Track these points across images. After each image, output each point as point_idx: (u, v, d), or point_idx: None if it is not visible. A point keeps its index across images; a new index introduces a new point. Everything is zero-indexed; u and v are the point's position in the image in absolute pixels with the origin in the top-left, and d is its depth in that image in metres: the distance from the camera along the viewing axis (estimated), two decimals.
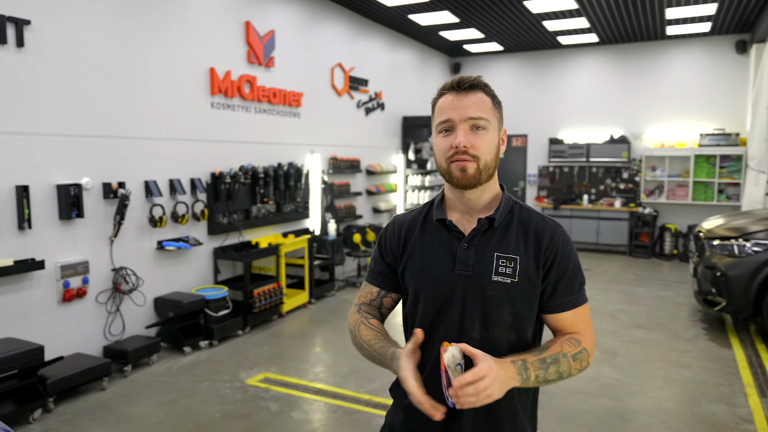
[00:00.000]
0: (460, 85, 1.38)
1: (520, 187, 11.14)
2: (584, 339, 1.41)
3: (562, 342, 1.39)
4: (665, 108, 9.77)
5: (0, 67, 3.71)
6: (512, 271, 1.37)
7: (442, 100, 1.41)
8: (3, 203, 3.75)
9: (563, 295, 1.41)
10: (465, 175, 1.36)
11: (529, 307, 1.41)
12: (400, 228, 1.54)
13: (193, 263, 5.37)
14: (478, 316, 1.39)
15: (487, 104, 1.38)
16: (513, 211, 1.45)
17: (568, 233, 1.45)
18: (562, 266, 1.40)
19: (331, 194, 7.37)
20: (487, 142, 1.37)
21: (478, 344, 1.37)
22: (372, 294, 1.58)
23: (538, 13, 7.90)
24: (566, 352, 1.37)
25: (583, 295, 1.45)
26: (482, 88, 1.40)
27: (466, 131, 1.35)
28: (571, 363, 1.37)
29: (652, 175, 9.71)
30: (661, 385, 4.31)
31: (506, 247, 1.39)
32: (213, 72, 5.48)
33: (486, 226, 1.41)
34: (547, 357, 1.34)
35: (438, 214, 1.47)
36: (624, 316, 6.09)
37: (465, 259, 1.40)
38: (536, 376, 1.31)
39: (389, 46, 8.99)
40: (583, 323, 1.44)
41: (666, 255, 9.53)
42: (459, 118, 1.36)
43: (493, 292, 1.37)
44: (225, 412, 3.78)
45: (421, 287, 1.45)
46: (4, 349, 3.46)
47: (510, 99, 10.93)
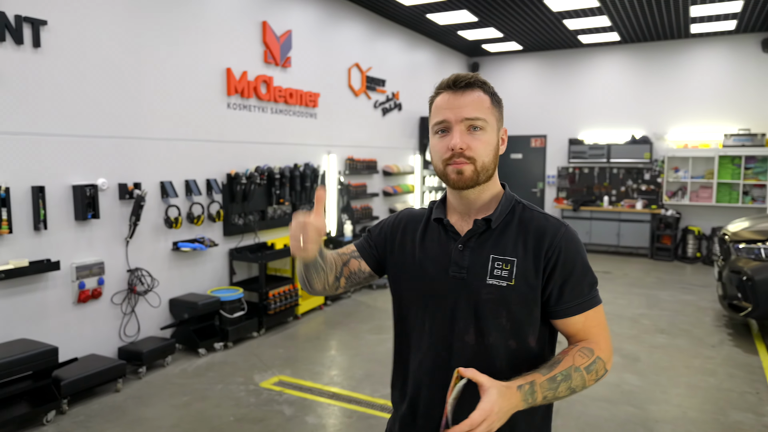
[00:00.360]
0: (456, 83, 1.32)
1: (539, 188, 10.99)
2: (598, 347, 1.33)
3: (573, 354, 1.30)
4: (689, 108, 9.56)
5: (17, 68, 3.72)
6: (508, 274, 1.30)
7: (438, 99, 1.35)
8: (19, 204, 3.75)
9: (571, 298, 1.32)
10: (461, 178, 1.31)
11: (529, 312, 1.32)
12: (401, 222, 1.51)
13: (209, 264, 5.36)
14: (473, 320, 1.32)
15: (485, 103, 1.32)
16: (514, 211, 1.38)
17: (574, 232, 1.36)
18: (567, 267, 1.31)
19: (348, 195, 7.32)
20: (485, 143, 1.31)
21: (473, 350, 1.32)
22: (347, 249, 1.54)
23: (558, 12, 7.76)
24: (579, 365, 1.28)
25: (595, 297, 1.35)
26: (480, 86, 1.33)
27: (463, 132, 1.29)
28: (584, 376, 1.29)
29: (674, 177, 9.51)
30: (684, 392, 4.18)
31: (503, 249, 1.32)
32: (229, 72, 5.46)
33: (483, 227, 1.35)
34: (558, 374, 1.26)
35: (437, 213, 1.43)
36: (646, 321, 5.94)
37: (459, 260, 1.34)
38: (544, 397, 1.24)
39: (407, 45, 8.92)
40: (597, 327, 1.35)
41: (689, 258, 9.32)
42: (455, 118, 1.30)
43: (488, 296, 1.30)
44: (238, 416, 3.74)
45: (416, 288, 1.40)
46: (19, 351, 3.46)
47: (529, 99, 10.81)
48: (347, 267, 1.51)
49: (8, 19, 3.63)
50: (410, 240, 1.45)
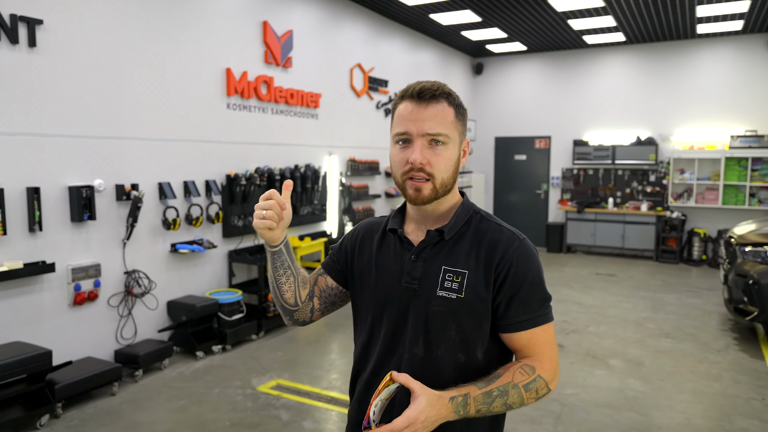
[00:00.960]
0: (420, 95, 1.27)
1: (543, 189, 10.90)
2: (541, 366, 1.28)
3: (514, 370, 1.26)
4: (695, 109, 9.46)
5: (11, 67, 3.68)
6: (458, 286, 1.28)
7: (401, 107, 1.30)
8: (14, 205, 3.71)
9: (517, 313, 1.28)
10: (419, 196, 1.28)
11: (479, 325, 1.29)
12: (358, 234, 1.50)
13: (207, 266, 5.31)
14: (422, 332, 1.30)
15: (449, 117, 1.28)
16: (470, 222, 1.35)
17: (531, 246, 1.32)
18: (517, 282, 1.27)
19: (349, 196, 7.26)
20: (445, 159, 1.28)
21: (421, 361, 1.29)
22: (316, 270, 1.55)
23: (563, 12, 7.69)
24: (517, 382, 1.24)
25: (546, 315, 1.31)
26: (445, 98, 1.29)
27: (424, 147, 1.26)
28: (522, 394, 1.24)
29: (680, 178, 9.41)
30: (689, 398, 4.10)
31: (455, 261, 1.30)
32: (229, 72, 5.41)
33: (436, 238, 1.33)
34: (494, 389, 1.22)
35: (393, 223, 1.41)
36: (650, 325, 5.86)
37: (412, 271, 1.32)
38: (477, 410, 1.21)
39: (410, 46, 8.86)
40: (543, 345, 1.30)
41: (694, 261, 9.22)
42: (417, 132, 1.26)
43: (438, 308, 1.28)
44: (235, 421, 3.69)
45: (371, 298, 1.39)
46: (12, 354, 3.41)
47: (533, 100, 10.73)
48: (317, 286, 1.51)
49: (3, 19, 3.59)
50: (368, 250, 1.44)
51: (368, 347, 1.41)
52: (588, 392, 4.17)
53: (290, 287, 1.42)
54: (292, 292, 1.43)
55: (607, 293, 7.24)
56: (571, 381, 4.37)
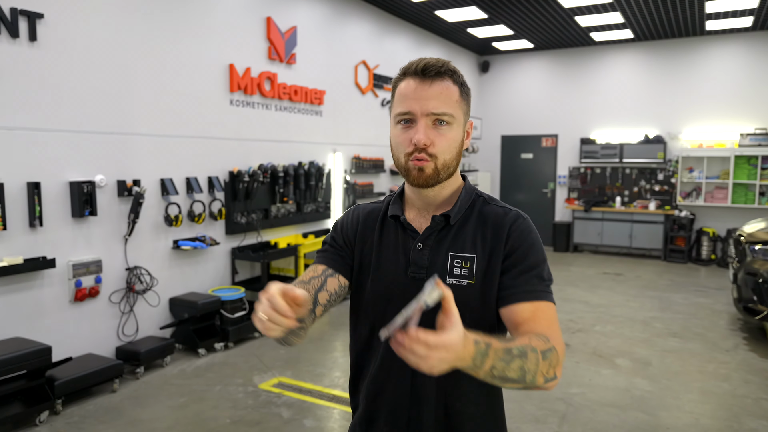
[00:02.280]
0: (425, 71, 1.20)
1: (550, 188, 10.82)
2: (553, 339, 1.14)
3: (529, 335, 1.13)
4: (703, 107, 9.35)
5: (12, 62, 3.66)
6: (468, 272, 1.23)
7: (403, 85, 1.24)
8: (14, 200, 3.69)
9: (520, 283, 1.20)
10: (422, 176, 1.21)
11: (490, 311, 1.24)
12: (359, 217, 1.38)
13: (210, 263, 5.28)
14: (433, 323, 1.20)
15: (454, 96, 1.22)
16: (474, 206, 1.30)
17: (531, 224, 1.26)
18: (521, 255, 1.22)
19: (354, 194, 7.22)
20: (449, 140, 1.22)
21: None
22: (315, 271, 1.31)
23: (570, 8, 7.61)
24: (535, 346, 1.09)
25: (549, 293, 1.22)
26: (450, 76, 1.22)
27: (428, 126, 1.20)
28: (540, 361, 1.08)
29: (689, 177, 9.30)
30: (697, 398, 4.03)
31: (462, 246, 1.25)
32: (232, 68, 5.38)
33: (442, 223, 1.27)
34: (514, 348, 1.07)
35: (393, 210, 1.32)
36: (658, 324, 5.77)
37: (418, 260, 1.26)
38: (492, 366, 1.03)
39: (415, 43, 8.81)
40: (550, 325, 1.18)
41: (703, 260, 9.11)
42: (421, 111, 1.20)
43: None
44: (235, 418, 3.65)
45: (375, 289, 1.30)
46: (11, 349, 3.39)
47: (540, 98, 10.65)
48: (324, 291, 1.29)
49: (3, 12, 3.57)
50: (370, 238, 1.35)
51: (371, 341, 1.33)
52: (594, 391, 4.10)
53: (301, 335, 1.25)
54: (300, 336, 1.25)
55: (614, 292, 7.16)
56: (577, 380, 4.30)
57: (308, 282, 1.28)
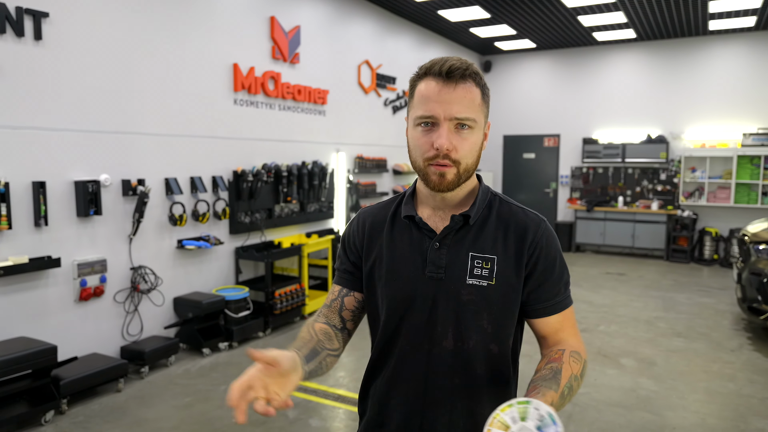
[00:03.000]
0: (449, 74, 1.17)
1: (552, 188, 10.81)
2: (580, 348, 1.27)
3: (568, 360, 1.21)
4: (706, 106, 9.34)
5: (17, 61, 3.65)
6: (489, 273, 1.22)
7: (424, 85, 1.20)
8: (19, 199, 3.68)
9: (551, 296, 1.25)
10: (443, 181, 1.20)
11: (511, 313, 1.24)
12: (364, 223, 1.38)
13: (214, 263, 5.27)
14: (452, 323, 1.22)
15: (476, 99, 1.19)
16: (491, 206, 1.29)
17: (551, 227, 1.28)
18: (548, 265, 1.24)
19: (357, 194, 7.21)
20: (471, 144, 1.20)
21: (451, 355, 1.22)
22: (333, 294, 1.40)
23: (573, 8, 7.60)
24: (576, 372, 1.21)
25: (570, 296, 1.29)
26: (473, 78, 1.20)
27: (450, 131, 1.17)
28: (579, 383, 1.22)
29: (691, 177, 9.29)
30: (703, 398, 4.02)
31: (482, 246, 1.24)
32: (236, 68, 5.37)
33: (460, 223, 1.25)
34: (564, 388, 1.17)
35: (407, 210, 1.30)
36: (662, 324, 5.77)
37: (436, 260, 1.24)
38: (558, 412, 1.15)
39: (418, 43, 8.80)
40: (571, 327, 1.29)
41: (706, 260, 9.10)
42: (444, 115, 1.16)
43: (468, 297, 1.21)
44: None
45: (389, 291, 1.28)
46: (17, 349, 3.38)
47: (542, 98, 10.64)
48: (346, 310, 1.38)
49: (9, 11, 3.56)
50: (377, 241, 1.34)
51: (387, 344, 1.31)
52: (599, 391, 4.10)
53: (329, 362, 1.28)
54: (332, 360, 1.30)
55: (617, 292, 7.15)
56: (583, 380, 4.29)
57: (330, 305, 1.38)
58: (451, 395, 1.23)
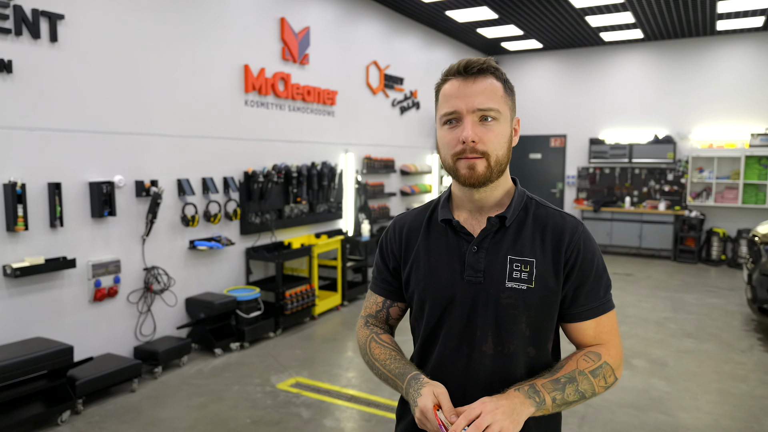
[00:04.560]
0: (467, 69, 1.20)
1: (559, 188, 10.80)
2: (606, 352, 1.24)
3: (577, 358, 1.22)
4: (714, 107, 9.33)
5: (34, 62, 3.67)
6: (528, 276, 1.21)
7: (447, 86, 1.24)
8: (35, 201, 3.70)
9: (586, 301, 1.24)
10: (474, 173, 1.20)
11: (550, 316, 1.25)
12: (401, 230, 1.39)
13: (225, 263, 5.29)
14: (491, 327, 1.23)
15: (498, 91, 1.21)
16: (527, 208, 1.28)
17: (588, 230, 1.28)
18: (585, 268, 1.23)
19: (365, 194, 7.23)
20: (498, 135, 1.20)
21: (491, 359, 1.22)
22: (378, 304, 1.44)
23: (581, 8, 7.60)
24: (583, 368, 1.20)
25: (610, 301, 1.28)
26: (492, 73, 1.22)
27: (475, 123, 1.19)
28: (591, 381, 1.20)
29: (699, 177, 9.28)
30: (716, 399, 4.02)
31: (520, 249, 1.24)
32: (247, 69, 5.39)
33: (497, 225, 1.25)
34: (561, 377, 1.17)
35: (443, 213, 1.31)
36: (672, 325, 5.77)
37: (475, 263, 1.24)
38: (553, 398, 1.15)
39: (425, 43, 8.81)
40: (609, 334, 1.27)
41: (713, 260, 9.09)
42: (466, 108, 1.19)
43: (508, 300, 1.21)
44: (255, 418, 3.66)
45: (428, 296, 1.29)
46: (34, 349, 3.40)
47: (548, 98, 10.63)
48: (392, 320, 1.47)
49: (25, 13, 3.58)
50: (414, 247, 1.35)
51: (426, 348, 1.32)
52: (612, 392, 4.10)
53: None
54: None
55: (625, 293, 7.15)
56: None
57: (376, 316, 1.46)
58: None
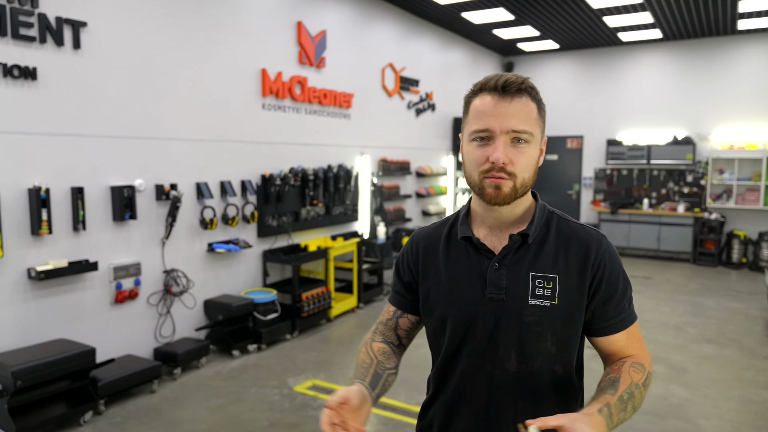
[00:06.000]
0: (505, 88, 1.17)
1: (575, 190, 10.73)
2: (645, 361, 1.25)
3: (628, 370, 1.21)
4: (735, 107, 9.19)
5: (58, 69, 3.74)
6: (551, 293, 1.20)
7: (479, 101, 1.20)
8: (59, 205, 3.77)
9: (615, 314, 1.24)
10: (499, 194, 1.18)
11: (576, 332, 1.24)
12: (418, 246, 1.38)
13: (243, 266, 5.34)
14: (514, 345, 1.21)
15: (533, 113, 1.19)
16: (549, 223, 1.27)
17: (612, 243, 1.27)
18: (612, 282, 1.22)
19: (381, 197, 7.24)
20: (528, 158, 1.19)
21: (514, 378, 1.21)
22: (389, 313, 1.46)
23: (598, 9, 7.54)
24: (637, 381, 1.20)
25: (634, 311, 1.28)
26: (529, 93, 1.19)
27: (506, 144, 1.17)
28: (642, 393, 1.21)
29: (719, 179, 9.16)
30: (737, 406, 3.97)
31: (543, 266, 1.22)
32: (264, 73, 5.43)
33: (519, 242, 1.23)
34: (624, 393, 1.17)
35: (463, 230, 1.29)
36: (691, 329, 5.70)
37: (496, 281, 1.22)
38: (618, 420, 1.15)
39: (441, 45, 8.80)
40: (638, 343, 1.28)
41: (734, 263, 8.96)
42: (500, 128, 1.16)
43: (531, 318, 1.20)
44: (273, 421, 3.69)
45: (449, 314, 1.27)
46: (57, 351, 3.46)
47: (565, 99, 10.57)
48: (401, 330, 1.45)
49: (49, 21, 3.65)
50: (434, 264, 1.33)
51: (448, 366, 1.31)
52: None
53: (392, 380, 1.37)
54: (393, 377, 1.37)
55: (643, 296, 7.08)
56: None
57: (386, 323, 1.45)
58: (515, 419, 1.19)
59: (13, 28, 3.48)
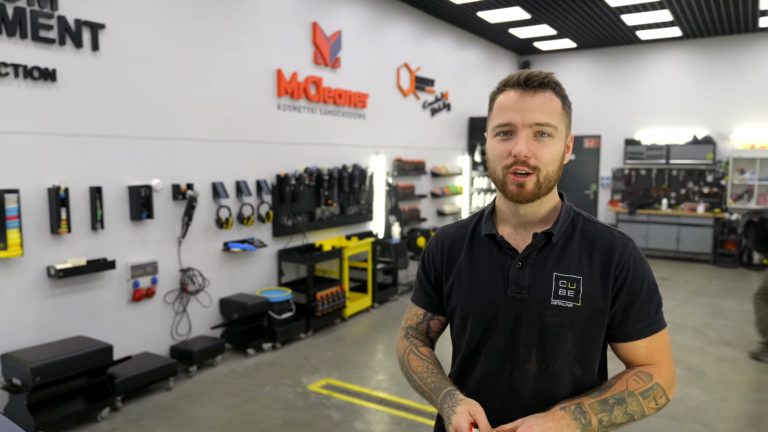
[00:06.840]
0: (527, 82, 1.18)
1: (593, 190, 10.63)
2: (658, 372, 1.20)
3: (627, 378, 1.19)
4: (756, 106, 9.04)
5: (77, 71, 3.80)
6: (574, 294, 1.19)
7: (503, 97, 1.21)
8: (77, 204, 3.84)
9: (637, 320, 1.21)
10: (522, 191, 1.18)
11: (597, 335, 1.22)
12: (443, 243, 1.37)
13: (258, 265, 5.38)
14: (535, 345, 1.20)
15: (557, 108, 1.18)
16: (575, 224, 1.25)
17: (638, 247, 1.24)
18: (635, 286, 1.20)
19: (395, 196, 7.24)
20: (552, 152, 1.18)
21: (535, 378, 1.20)
22: (418, 317, 1.44)
23: (616, 7, 7.47)
24: (633, 389, 1.17)
25: (661, 320, 1.24)
26: (553, 88, 1.19)
27: (529, 138, 1.16)
28: (641, 402, 1.17)
29: (740, 179, 9.01)
30: (756, 410, 3.91)
31: (567, 266, 1.21)
32: (280, 74, 5.46)
33: (543, 241, 1.22)
34: (609, 397, 1.15)
35: (487, 228, 1.29)
36: (710, 332, 5.62)
37: (519, 280, 1.22)
38: (599, 420, 1.13)
39: (456, 45, 8.78)
40: (661, 353, 1.23)
41: (755, 265, 8.80)
42: (522, 122, 1.16)
43: (553, 318, 1.19)
44: (287, 419, 3.71)
45: (470, 312, 1.27)
46: (75, 348, 3.52)
47: (582, 98, 10.47)
48: (432, 333, 1.46)
49: (68, 23, 3.71)
50: (456, 261, 1.33)
51: (468, 364, 1.30)
52: None
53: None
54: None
55: (662, 298, 6.97)
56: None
57: (416, 327, 1.46)
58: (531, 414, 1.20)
59: (33, 31, 3.54)
